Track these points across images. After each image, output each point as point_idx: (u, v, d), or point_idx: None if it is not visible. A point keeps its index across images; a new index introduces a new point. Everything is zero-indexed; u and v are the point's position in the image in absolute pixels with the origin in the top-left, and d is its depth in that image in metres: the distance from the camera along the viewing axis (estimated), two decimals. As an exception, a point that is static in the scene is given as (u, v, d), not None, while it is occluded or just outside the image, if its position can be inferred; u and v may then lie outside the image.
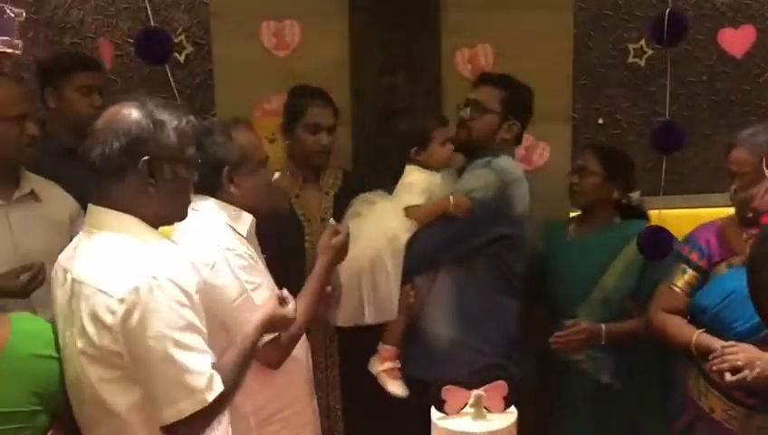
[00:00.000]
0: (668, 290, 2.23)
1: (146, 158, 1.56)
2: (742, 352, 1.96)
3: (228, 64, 2.70)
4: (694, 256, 2.20)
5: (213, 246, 1.90)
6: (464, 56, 2.75)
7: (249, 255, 1.97)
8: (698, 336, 2.10)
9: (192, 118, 1.66)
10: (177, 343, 1.50)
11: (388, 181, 2.50)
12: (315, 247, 2.29)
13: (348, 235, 2.16)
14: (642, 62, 3.54)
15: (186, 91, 3.46)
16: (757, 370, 1.92)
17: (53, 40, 3.39)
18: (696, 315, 2.17)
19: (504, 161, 2.38)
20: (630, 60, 3.55)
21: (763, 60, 3.58)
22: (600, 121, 3.61)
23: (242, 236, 1.99)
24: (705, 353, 2.05)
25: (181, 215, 1.70)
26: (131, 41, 3.35)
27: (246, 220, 2.01)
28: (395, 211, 2.37)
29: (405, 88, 2.71)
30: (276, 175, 2.32)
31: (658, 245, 2.36)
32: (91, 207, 1.61)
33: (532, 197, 2.43)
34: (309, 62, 2.67)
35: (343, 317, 2.36)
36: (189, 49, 3.43)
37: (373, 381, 2.40)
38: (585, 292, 2.55)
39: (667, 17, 2.26)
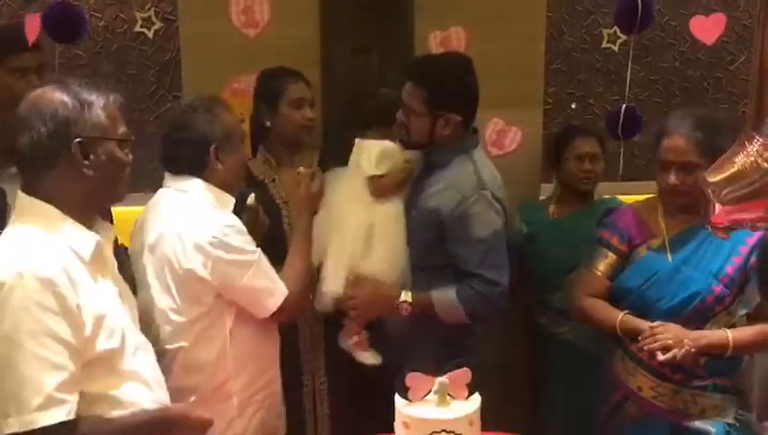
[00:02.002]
0: (590, 274, 2.27)
1: (78, 140, 1.50)
2: (670, 332, 2.04)
3: (196, 42, 2.64)
4: (614, 241, 2.24)
5: (215, 224, 1.93)
6: (436, 39, 2.72)
7: (243, 229, 2.00)
8: (623, 317, 2.15)
9: (118, 96, 1.61)
10: (23, 349, 1.37)
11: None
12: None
13: (323, 181, 2.25)
14: (616, 48, 3.54)
15: (154, 67, 3.41)
16: (686, 347, 2.00)
17: (18, 13, 3.30)
18: (619, 298, 2.22)
19: (487, 176, 2.23)
20: (604, 45, 3.55)
21: (735, 47, 3.60)
22: (574, 106, 3.62)
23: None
24: (630, 334, 2.13)
25: (119, 197, 1.65)
26: (99, 15, 3.29)
27: (230, 202, 2.04)
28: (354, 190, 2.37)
29: (377, 69, 2.67)
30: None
31: None
32: (19, 194, 1.54)
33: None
34: (279, 41, 2.62)
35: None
36: (158, 25, 3.36)
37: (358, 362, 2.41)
38: (570, 267, 2.62)
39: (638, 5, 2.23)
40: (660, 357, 2.01)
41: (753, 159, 2.50)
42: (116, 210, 2.13)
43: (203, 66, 2.64)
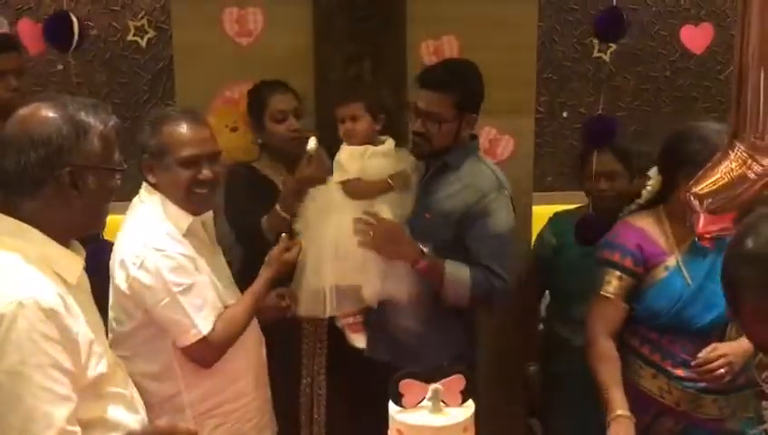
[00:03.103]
0: (605, 301, 2.20)
1: (68, 169, 1.42)
2: (722, 356, 2.08)
3: (189, 51, 2.65)
4: (628, 263, 2.18)
5: (140, 244, 1.90)
6: (429, 48, 2.73)
7: (183, 255, 1.94)
8: (606, 392, 2.09)
9: (115, 119, 1.53)
10: (30, 382, 1.33)
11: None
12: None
13: (299, 251, 2.18)
14: (606, 57, 3.56)
15: (147, 76, 3.41)
16: (735, 368, 2.08)
17: (10, 22, 3.30)
18: (649, 318, 2.19)
19: (502, 176, 2.35)
20: (595, 54, 3.57)
21: (724, 57, 3.63)
22: (565, 115, 3.64)
23: (182, 232, 1.97)
24: (604, 404, 2.09)
25: (100, 224, 1.59)
26: (91, 24, 3.29)
27: (182, 218, 1.98)
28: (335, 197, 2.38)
29: (370, 78, 2.68)
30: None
31: (592, 231, 2.46)
32: None
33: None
34: (272, 50, 2.63)
35: (305, 308, 2.35)
36: (151, 33, 3.36)
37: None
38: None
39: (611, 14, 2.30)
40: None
41: (735, 166, 2.53)
42: (110, 218, 2.14)
43: (196, 75, 2.65)
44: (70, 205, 1.45)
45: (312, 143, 2.31)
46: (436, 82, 2.29)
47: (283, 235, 2.21)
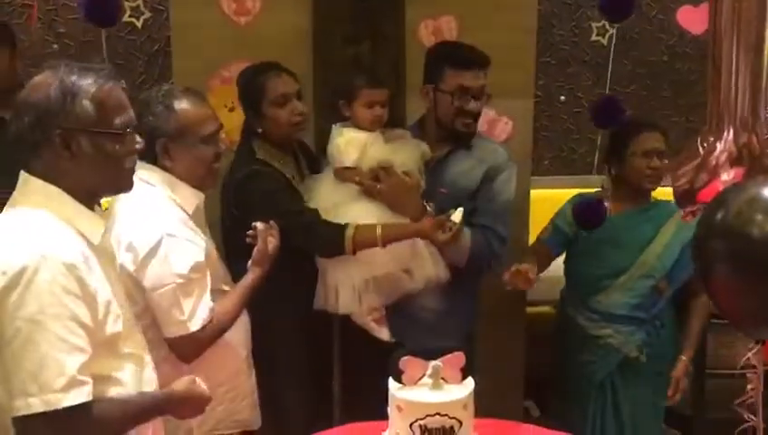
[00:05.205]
0: None
1: (58, 131, 1.46)
2: None
3: (186, 30, 2.62)
4: None
5: (155, 229, 1.87)
6: (428, 28, 2.72)
7: (193, 242, 1.92)
8: None
9: (116, 81, 1.55)
10: (47, 331, 1.38)
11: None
12: None
13: (278, 238, 2.10)
14: (604, 41, 3.57)
15: (143, 57, 3.39)
16: None
17: (5, 2, 3.29)
18: None
19: (505, 148, 2.50)
20: (593, 38, 3.57)
21: (722, 41, 3.63)
22: (563, 99, 3.64)
23: (187, 214, 1.96)
24: None
25: (118, 186, 1.61)
26: (86, 4, 3.27)
27: (193, 196, 1.97)
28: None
29: (369, 59, 2.67)
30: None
31: (592, 215, 2.45)
32: (22, 174, 1.52)
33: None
34: (270, 30, 2.61)
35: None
36: (147, 14, 3.35)
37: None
38: (623, 268, 2.56)
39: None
40: None
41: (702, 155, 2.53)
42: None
43: (193, 55, 2.63)
44: (67, 167, 1.49)
45: (458, 216, 2.18)
46: (485, 61, 2.34)
47: (258, 224, 2.10)
